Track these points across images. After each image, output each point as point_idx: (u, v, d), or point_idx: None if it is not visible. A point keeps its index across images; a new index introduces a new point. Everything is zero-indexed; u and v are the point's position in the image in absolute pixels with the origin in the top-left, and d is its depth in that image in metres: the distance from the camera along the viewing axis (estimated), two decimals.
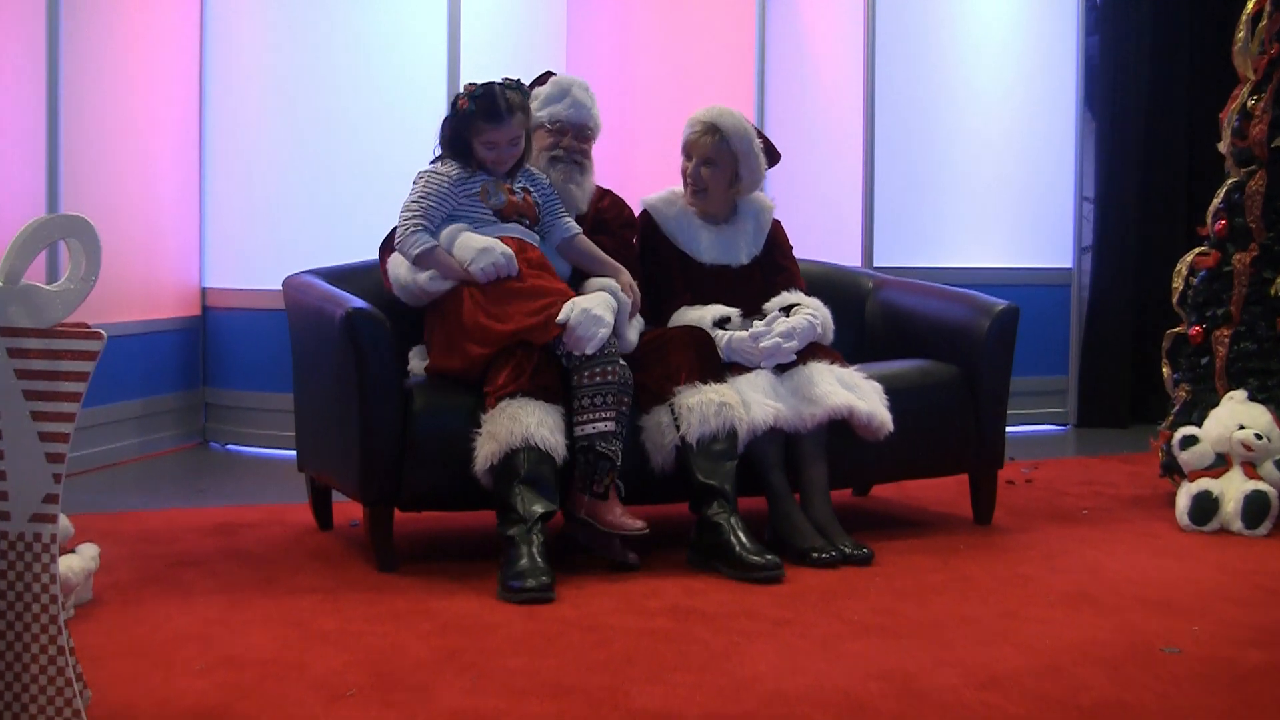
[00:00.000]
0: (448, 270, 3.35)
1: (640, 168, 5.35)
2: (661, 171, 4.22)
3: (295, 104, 5.16)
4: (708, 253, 3.76)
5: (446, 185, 3.40)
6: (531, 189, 3.51)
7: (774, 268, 3.82)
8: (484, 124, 3.39)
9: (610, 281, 3.44)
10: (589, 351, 3.22)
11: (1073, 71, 6.12)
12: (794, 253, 3.91)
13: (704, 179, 3.73)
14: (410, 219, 3.38)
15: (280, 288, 3.77)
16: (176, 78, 5.26)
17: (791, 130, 5.75)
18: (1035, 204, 6.08)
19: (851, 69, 5.82)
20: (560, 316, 3.22)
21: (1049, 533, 3.76)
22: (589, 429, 3.20)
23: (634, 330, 3.46)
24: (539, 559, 3.03)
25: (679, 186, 3.82)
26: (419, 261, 3.36)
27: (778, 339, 3.49)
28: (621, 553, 3.28)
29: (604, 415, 3.21)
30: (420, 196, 3.40)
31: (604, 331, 3.23)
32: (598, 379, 3.22)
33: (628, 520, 3.21)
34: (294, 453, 3.83)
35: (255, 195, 5.25)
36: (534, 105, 3.60)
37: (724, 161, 3.73)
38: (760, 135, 3.79)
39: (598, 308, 3.24)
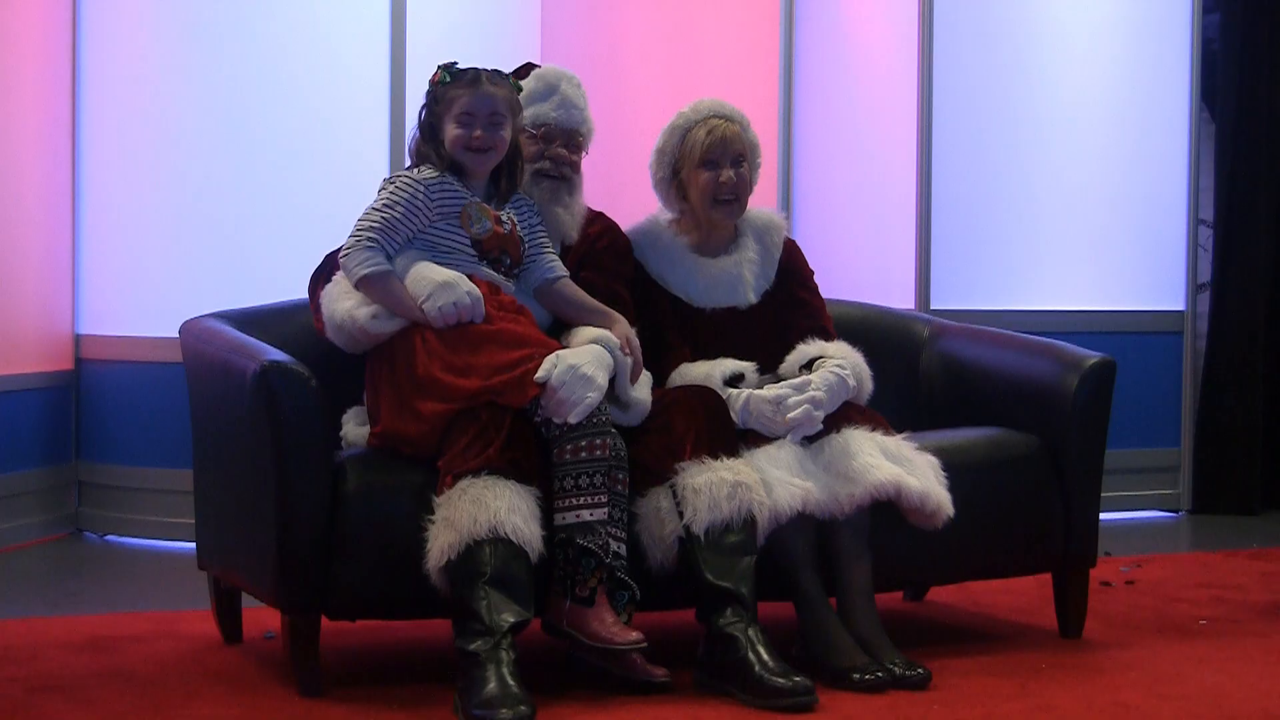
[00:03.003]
0: (396, 305, 3.36)
1: (628, 189, 5.37)
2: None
3: (194, 114, 5.20)
4: (706, 294, 3.79)
5: (421, 195, 3.41)
6: (518, 219, 3.54)
7: (792, 302, 3.85)
8: (458, 91, 3.42)
9: (604, 333, 3.43)
10: (573, 420, 3.23)
11: (1185, 59, 6.18)
12: (818, 284, 3.92)
13: (745, 183, 3.77)
14: (365, 230, 3.40)
15: (176, 335, 3.80)
16: (43, 76, 5.30)
17: (826, 138, 5.79)
18: (1137, 229, 6.13)
19: (903, 61, 5.86)
20: (539, 374, 3.23)
21: (1156, 650, 3.77)
22: (570, 518, 3.22)
23: (645, 390, 3.47)
24: (511, 682, 3.02)
25: (660, 214, 3.86)
26: (364, 286, 3.37)
27: (807, 405, 3.51)
28: (644, 669, 3.28)
29: (590, 501, 3.23)
30: (384, 205, 3.41)
31: (593, 396, 3.24)
32: (583, 455, 3.24)
33: (620, 632, 3.21)
34: (192, 546, 3.85)
35: (145, 221, 5.27)
36: None
37: (752, 158, 3.80)
38: None
39: (587, 365, 3.25)
